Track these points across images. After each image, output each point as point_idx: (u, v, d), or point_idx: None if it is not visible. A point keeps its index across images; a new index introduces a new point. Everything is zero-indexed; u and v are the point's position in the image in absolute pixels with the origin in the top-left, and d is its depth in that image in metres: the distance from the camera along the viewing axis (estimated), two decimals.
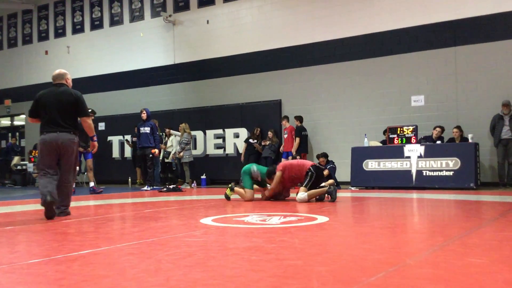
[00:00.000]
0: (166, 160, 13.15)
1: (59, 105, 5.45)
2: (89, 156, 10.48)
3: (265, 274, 2.54)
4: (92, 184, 10.49)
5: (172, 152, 13.32)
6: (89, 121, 5.70)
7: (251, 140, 12.64)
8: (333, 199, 6.87)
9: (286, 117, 12.31)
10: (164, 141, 13.35)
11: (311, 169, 7.13)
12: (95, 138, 6.00)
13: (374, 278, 2.39)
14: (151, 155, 11.14)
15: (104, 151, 14.62)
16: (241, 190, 7.53)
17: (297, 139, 11.79)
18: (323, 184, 10.33)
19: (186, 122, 13.00)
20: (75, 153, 5.55)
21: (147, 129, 11.18)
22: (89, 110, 10.26)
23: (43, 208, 5.20)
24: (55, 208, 5.30)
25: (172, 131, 13.34)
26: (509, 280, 2.36)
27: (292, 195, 7.83)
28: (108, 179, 14.62)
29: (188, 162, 12.76)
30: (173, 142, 13.41)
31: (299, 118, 12.03)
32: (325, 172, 10.65)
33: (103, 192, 10.41)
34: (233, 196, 7.63)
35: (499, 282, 2.32)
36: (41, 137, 5.43)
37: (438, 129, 10.36)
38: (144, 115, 11.33)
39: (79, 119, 5.66)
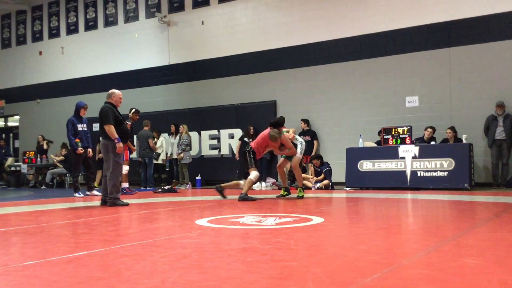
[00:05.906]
0: (155, 162, 13.00)
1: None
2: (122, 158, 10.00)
3: (261, 276, 2.54)
4: (125, 185, 10.08)
5: (169, 153, 13.26)
6: (107, 127, 6.96)
7: (245, 139, 12.62)
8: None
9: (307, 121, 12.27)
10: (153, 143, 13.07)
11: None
12: (116, 141, 6.96)
13: (369, 279, 2.40)
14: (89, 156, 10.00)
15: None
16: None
17: (316, 142, 11.95)
18: (317, 185, 10.42)
19: (183, 124, 12.91)
20: (104, 154, 7.08)
21: (85, 127, 9.85)
22: (133, 110, 10.39)
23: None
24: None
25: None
26: (504, 281, 2.37)
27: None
28: None
29: (187, 164, 12.70)
30: (163, 143, 13.36)
31: (307, 121, 12.16)
32: (321, 177, 10.63)
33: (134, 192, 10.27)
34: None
35: (494, 283, 2.33)
36: None
37: (429, 129, 10.36)
38: (85, 111, 9.89)
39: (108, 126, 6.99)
